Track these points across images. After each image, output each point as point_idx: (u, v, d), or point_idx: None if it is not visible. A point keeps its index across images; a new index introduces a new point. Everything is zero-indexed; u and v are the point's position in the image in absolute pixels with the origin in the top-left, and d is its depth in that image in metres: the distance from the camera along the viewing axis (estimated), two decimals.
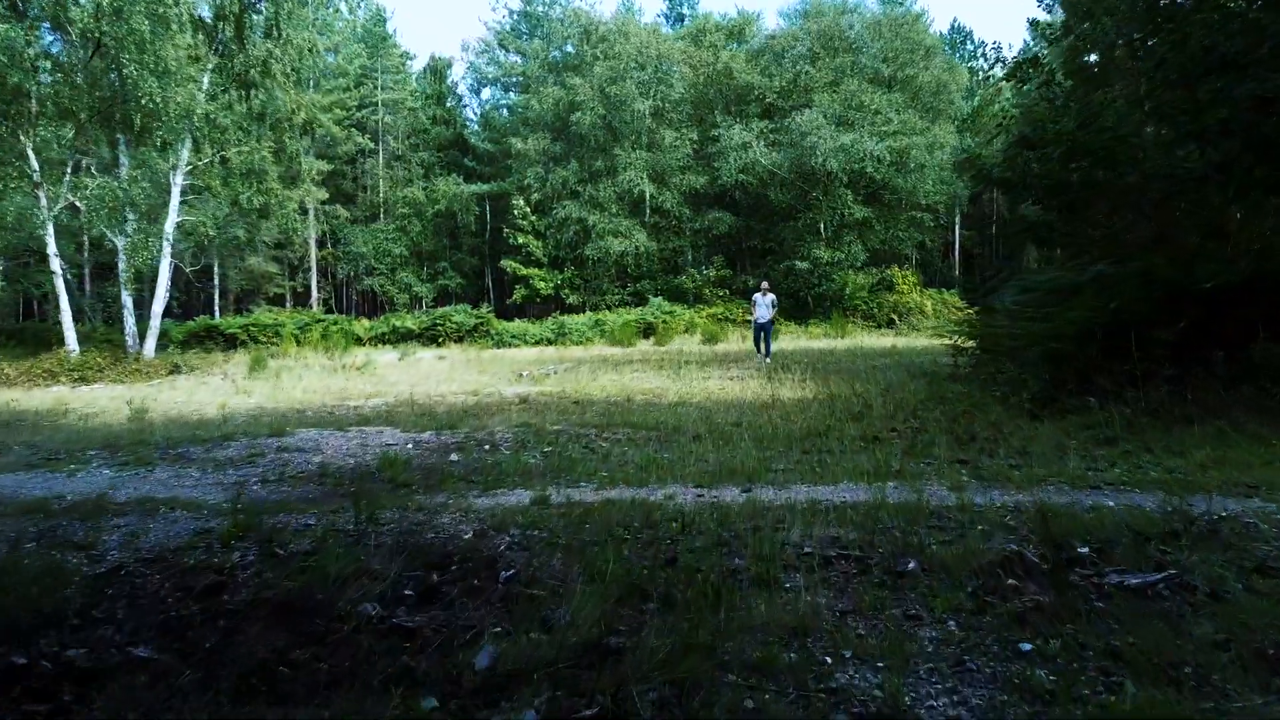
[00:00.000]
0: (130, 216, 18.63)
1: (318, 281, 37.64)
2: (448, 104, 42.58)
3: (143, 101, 14.72)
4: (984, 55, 44.63)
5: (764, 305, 15.03)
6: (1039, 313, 7.78)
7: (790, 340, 22.13)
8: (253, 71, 18.71)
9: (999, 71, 11.11)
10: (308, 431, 7.10)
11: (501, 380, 13.37)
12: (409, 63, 42.45)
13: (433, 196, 35.55)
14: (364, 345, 23.90)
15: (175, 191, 18.96)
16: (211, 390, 13.70)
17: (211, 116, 18.37)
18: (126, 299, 19.02)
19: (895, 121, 27.59)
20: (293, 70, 19.44)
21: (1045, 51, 10.83)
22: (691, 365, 14.21)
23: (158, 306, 19.02)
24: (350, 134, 36.84)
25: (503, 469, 5.21)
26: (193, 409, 10.47)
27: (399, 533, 3.44)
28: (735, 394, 9.66)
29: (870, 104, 27.79)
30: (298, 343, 22.01)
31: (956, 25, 46.38)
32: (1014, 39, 71.81)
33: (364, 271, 36.54)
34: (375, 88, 38.36)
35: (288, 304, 36.53)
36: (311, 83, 34.95)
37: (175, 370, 17.02)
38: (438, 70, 42.61)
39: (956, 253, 37.62)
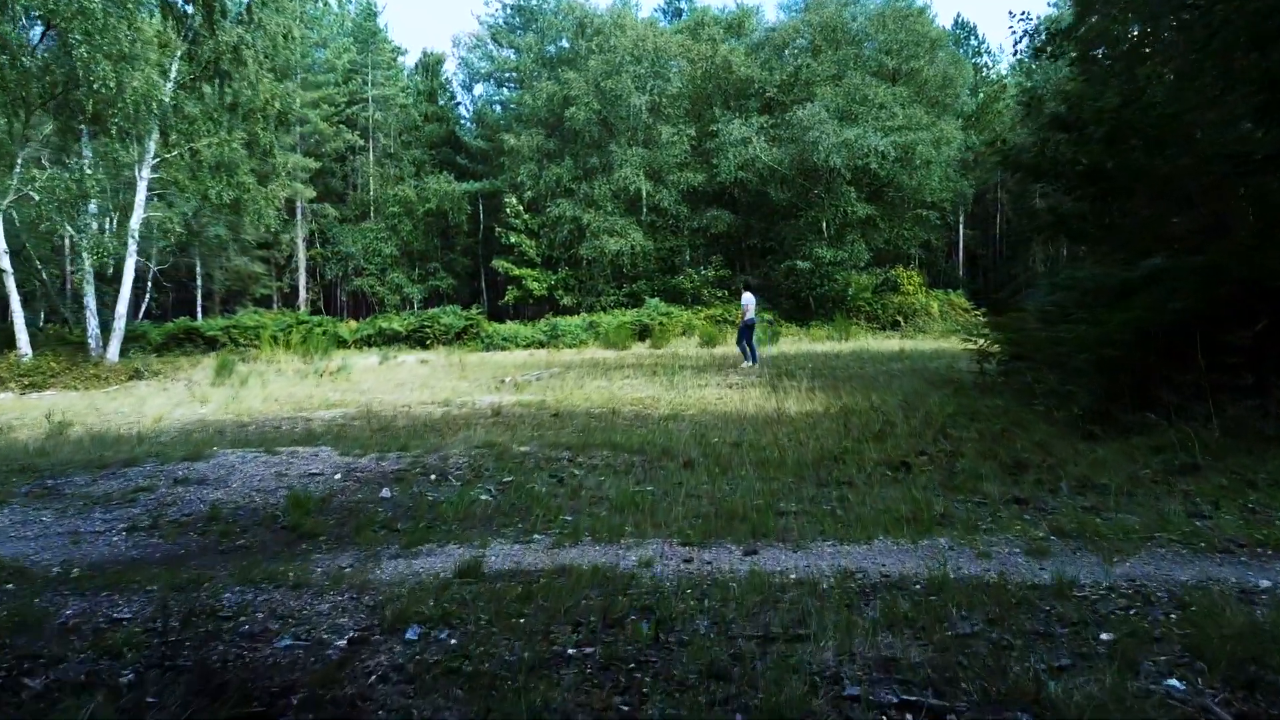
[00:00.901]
0: (93, 210, 17.54)
1: (306, 282, 36.52)
2: (440, 100, 41.47)
3: (95, 86, 13.61)
4: (988, 53, 43.65)
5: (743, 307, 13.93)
6: (1088, 315, 6.68)
7: (792, 343, 21.05)
8: (224, 59, 17.63)
9: (1026, 46, 10.03)
10: (230, 454, 6.00)
11: (481, 387, 12.29)
12: (400, 58, 41.35)
13: (424, 195, 34.42)
14: (349, 348, 22.83)
15: (141, 186, 17.87)
16: (167, 398, 12.64)
17: (179, 105, 17.28)
18: (89, 299, 17.92)
19: (900, 116, 26.48)
20: (266, 58, 18.34)
21: (1073, 22, 9.74)
22: (687, 371, 13.12)
23: (122, 307, 17.92)
24: (339, 130, 35.73)
25: (441, 512, 4.11)
26: (129, 421, 9.39)
27: (239, 636, 2.36)
28: (734, 406, 8.57)
29: (874, 98, 26.69)
30: (278, 345, 20.90)
31: (960, 21, 45.35)
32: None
33: (353, 272, 35.39)
34: (365, 83, 37.25)
35: (275, 305, 35.41)
36: (298, 76, 33.90)
37: (136, 375, 15.92)
38: (429, 66, 41.52)
39: (960, 253, 36.58)
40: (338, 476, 5.03)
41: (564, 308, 28.89)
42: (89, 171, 16.40)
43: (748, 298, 13.88)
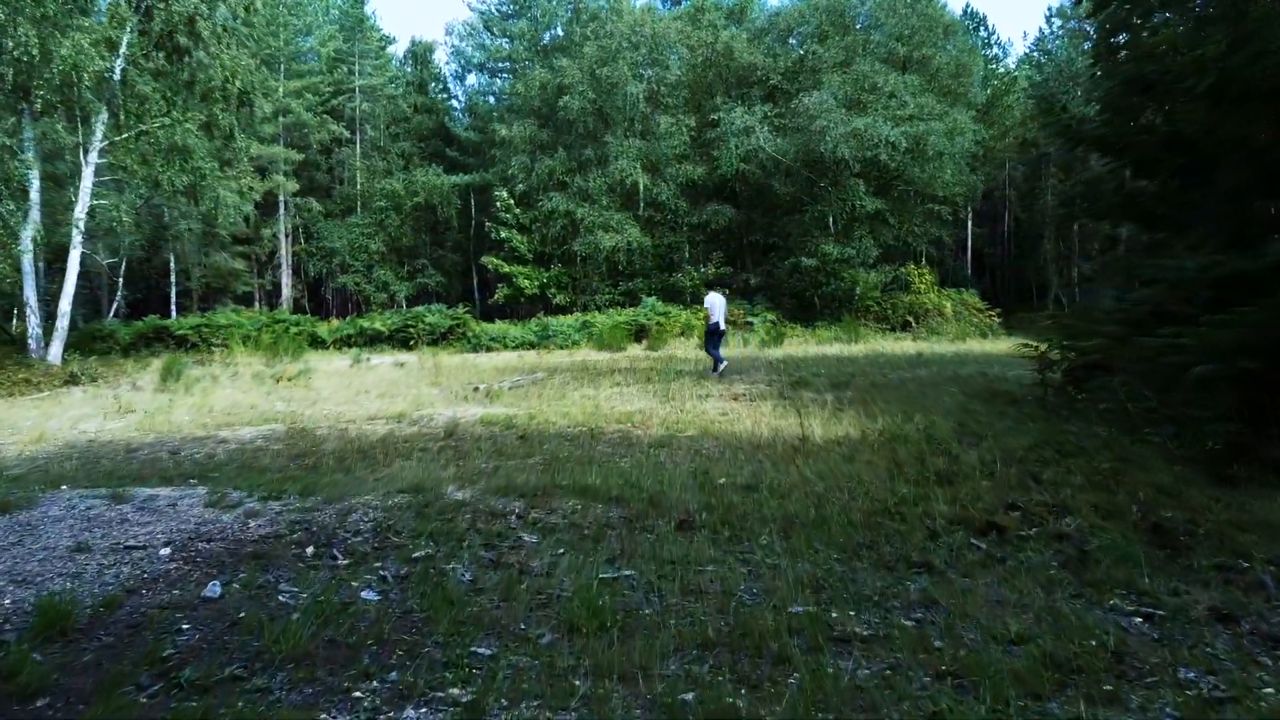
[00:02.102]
0: (35, 197, 15.88)
1: (289, 280, 34.91)
2: (430, 91, 39.86)
3: (16, 54, 11.99)
4: (997, 44, 42.02)
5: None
6: (1213, 317, 5.06)
7: (798, 345, 19.43)
8: (178, 32, 16.03)
9: None
10: (60, 502, 4.39)
11: (449, 396, 10.66)
12: (389, 47, 39.75)
13: (412, 188, 32.77)
14: (327, 349, 21.30)
15: (88, 172, 16.24)
16: (93, 407, 11.07)
17: (128, 82, 15.67)
18: (30, 295, 16.29)
19: (911, 105, 24.80)
20: (226, 32, 16.72)
21: None
22: (685, 377, 11.50)
23: (65, 304, 16.29)
24: (324, 122, 34.09)
25: (272, 641, 2.48)
26: (10, 441, 7.79)
27: None
28: (745, 426, 6.95)
29: (884, 86, 25.03)
30: (249, 346, 19.30)
31: (969, 10, 43.70)
32: (1029, 26, 69.32)
33: (338, 269, 33.75)
34: (352, 73, 35.66)
35: (258, 303, 33.83)
36: (280, 64, 32.30)
37: (72, 380, 14.30)
38: (419, 55, 39.91)
39: (969, 251, 35.04)
40: (165, 552, 3.39)
41: (557, 306, 27.30)
42: (26, 154, 14.81)
43: (713, 299, 12.07)
